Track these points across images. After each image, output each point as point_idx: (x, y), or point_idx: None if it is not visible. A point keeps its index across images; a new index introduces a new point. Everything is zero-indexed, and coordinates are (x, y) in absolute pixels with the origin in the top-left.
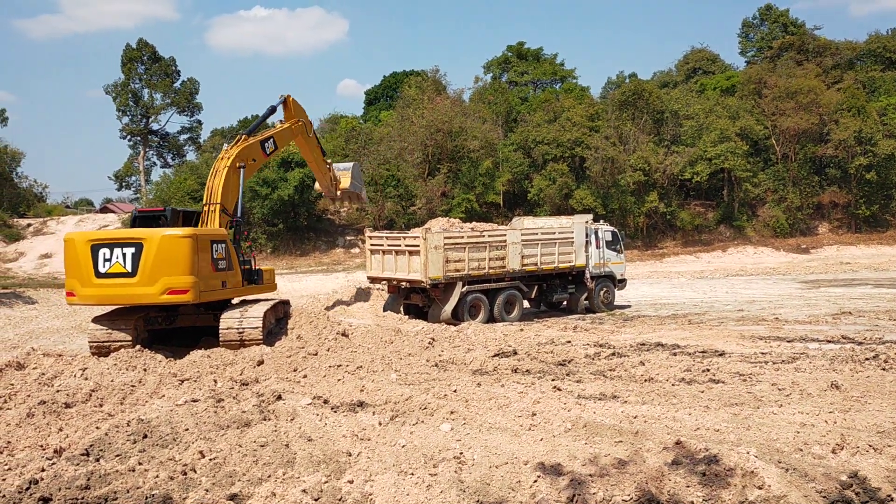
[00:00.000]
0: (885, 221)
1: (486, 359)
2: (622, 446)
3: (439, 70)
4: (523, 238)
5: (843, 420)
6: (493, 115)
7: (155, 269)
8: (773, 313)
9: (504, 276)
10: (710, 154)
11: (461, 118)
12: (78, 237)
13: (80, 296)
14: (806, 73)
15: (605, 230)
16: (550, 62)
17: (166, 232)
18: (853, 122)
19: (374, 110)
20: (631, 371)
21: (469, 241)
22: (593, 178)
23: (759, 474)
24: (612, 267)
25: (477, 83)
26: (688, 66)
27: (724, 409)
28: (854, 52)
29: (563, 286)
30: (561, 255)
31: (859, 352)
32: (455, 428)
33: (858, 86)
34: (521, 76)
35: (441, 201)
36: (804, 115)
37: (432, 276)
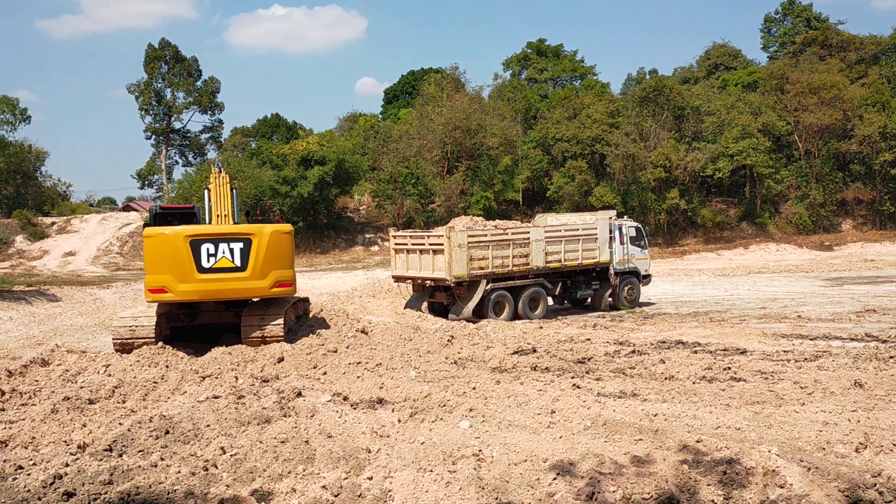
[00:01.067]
0: None
1: (505, 356)
2: (642, 444)
3: (458, 67)
4: (547, 235)
5: (866, 419)
6: (513, 112)
7: (266, 264)
8: (795, 311)
9: (528, 274)
10: (731, 150)
11: (480, 115)
12: (171, 232)
13: (178, 292)
14: (829, 68)
15: (629, 226)
16: (570, 59)
17: (274, 228)
18: (878, 118)
19: (393, 108)
20: (651, 369)
21: (492, 239)
22: (613, 176)
23: (781, 473)
24: (636, 263)
25: (496, 80)
26: (709, 61)
27: (746, 408)
28: (878, 46)
29: (588, 283)
30: (585, 251)
31: (883, 350)
32: (474, 425)
33: (883, 80)
34: (540, 73)
35: (460, 199)
36: (827, 111)
37: (457, 275)
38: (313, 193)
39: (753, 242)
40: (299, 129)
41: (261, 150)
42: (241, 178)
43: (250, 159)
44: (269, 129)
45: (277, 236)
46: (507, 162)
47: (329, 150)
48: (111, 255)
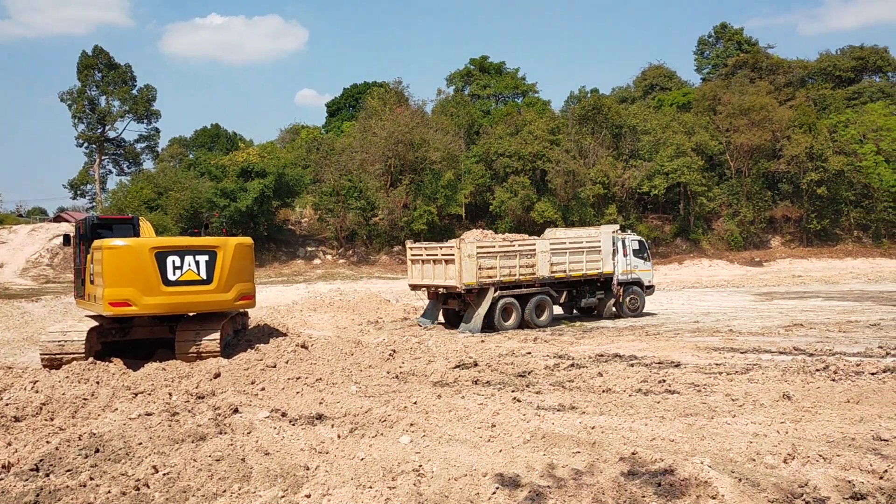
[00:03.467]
0: (836, 235)
1: (446, 370)
2: (580, 457)
3: (402, 82)
4: (552, 247)
5: (794, 430)
6: (456, 127)
7: (231, 277)
8: (727, 325)
9: (534, 283)
10: (666, 168)
11: (423, 130)
12: (136, 244)
13: (143, 305)
14: (759, 90)
15: (633, 239)
16: (512, 76)
17: (238, 240)
18: (804, 139)
19: (337, 121)
20: (589, 382)
21: (500, 250)
22: (555, 191)
23: (713, 484)
24: (639, 274)
25: (439, 95)
26: (645, 82)
27: (680, 420)
28: (805, 70)
29: (592, 292)
30: (588, 262)
31: (810, 363)
32: (414, 440)
33: (809, 103)
34: (483, 89)
35: (403, 213)
36: (757, 132)
37: (466, 282)
38: (253, 206)
39: (688, 258)
40: (239, 141)
41: (199, 161)
42: (177, 189)
43: (188, 170)
44: (208, 139)
45: (241, 249)
46: (450, 176)
47: (270, 163)
48: (41, 267)
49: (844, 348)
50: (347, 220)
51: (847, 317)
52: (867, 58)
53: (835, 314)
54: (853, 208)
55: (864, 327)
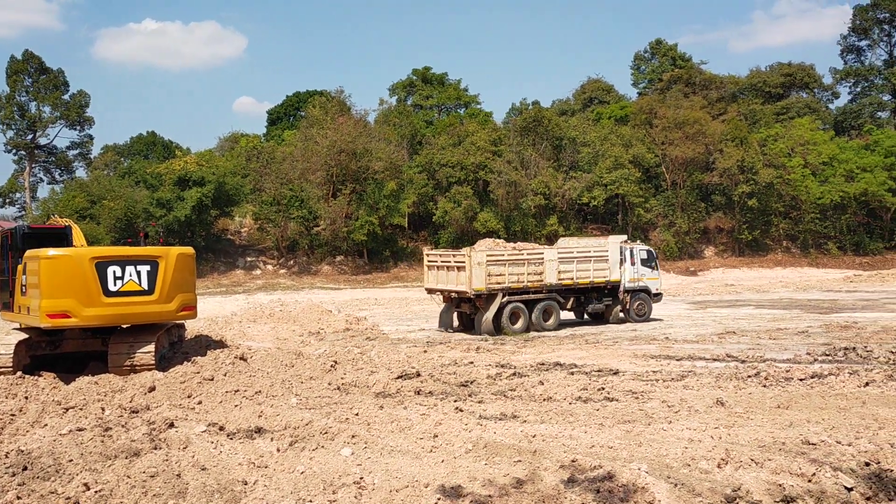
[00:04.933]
0: (766, 246)
1: (389, 381)
2: (521, 466)
3: (344, 91)
4: (560, 255)
5: (727, 435)
6: (398, 137)
7: (173, 287)
8: (663, 333)
9: (542, 289)
10: (605, 180)
11: (366, 139)
12: (75, 253)
13: (84, 316)
14: (692, 104)
15: (641, 249)
16: (455, 87)
17: (180, 250)
18: (736, 152)
19: (277, 129)
20: (531, 391)
21: (509, 258)
22: (497, 202)
23: (650, 490)
24: (647, 282)
25: (382, 105)
26: (584, 95)
27: (618, 427)
28: (737, 86)
29: (599, 298)
30: (596, 270)
31: (742, 370)
32: (356, 452)
33: (741, 118)
34: (426, 100)
35: (345, 222)
36: (691, 145)
37: (476, 288)
38: (191, 215)
39: None
40: (176, 149)
41: (134, 169)
42: (111, 198)
43: (122, 179)
44: (143, 147)
45: (183, 259)
46: (393, 186)
47: (208, 171)
48: None
49: (774, 355)
50: (288, 229)
51: (777, 324)
52: (795, 74)
53: (765, 322)
54: (782, 219)
55: (793, 334)
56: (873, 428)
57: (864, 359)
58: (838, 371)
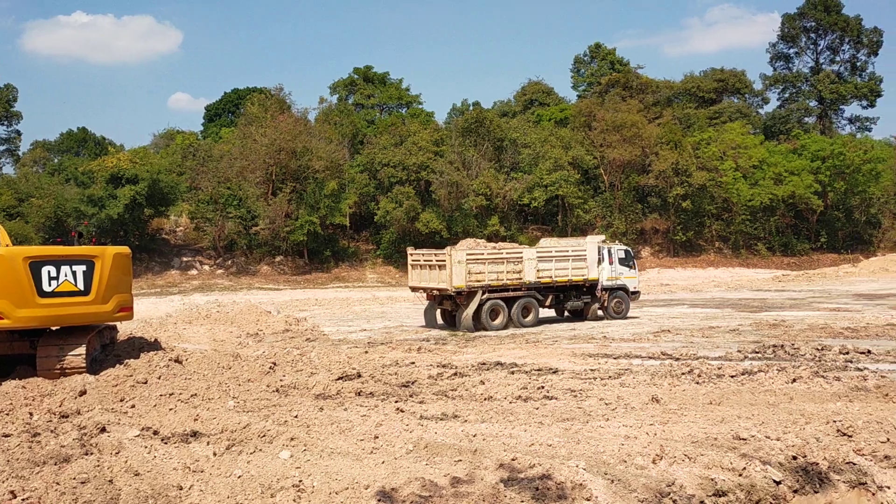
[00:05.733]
0: (699, 246)
1: (329, 382)
2: (461, 465)
3: (283, 88)
4: (538, 254)
5: (662, 432)
6: (339, 136)
7: (109, 288)
8: (601, 332)
9: (521, 287)
10: (545, 181)
11: (306, 138)
12: (7, 252)
13: (17, 318)
14: (630, 108)
15: (619, 249)
16: (396, 87)
17: (117, 250)
18: (671, 155)
19: (215, 126)
20: (472, 390)
21: (489, 257)
22: (439, 202)
23: (588, 486)
24: (624, 280)
25: (322, 104)
26: (525, 97)
27: (557, 425)
28: (671, 90)
29: (578, 296)
30: (574, 269)
31: (676, 367)
32: (295, 455)
33: (675, 122)
34: (367, 99)
35: (285, 222)
36: (628, 148)
37: (456, 285)
38: (124, 214)
39: None
40: (109, 146)
41: (64, 166)
42: (40, 195)
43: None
44: (74, 143)
45: (120, 258)
46: (334, 186)
47: (142, 169)
48: None
49: (707, 352)
50: (226, 229)
51: (709, 322)
52: (727, 80)
53: (698, 320)
54: (715, 221)
55: (725, 332)
56: (800, 423)
57: (791, 356)
58: (767, 368)
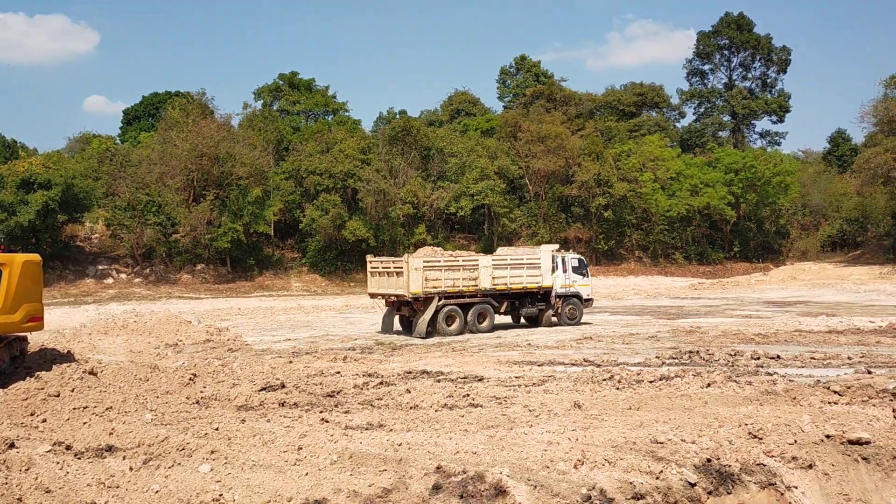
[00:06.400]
0: (620, 255)
1: (251, 393)
2: (387, 475)
3: (206, 93)
4: (494, 262)
5: (583, 437)
6: (264, 142)
7: (18, 297)
8: (526, 339)
9: (476, 293)
10: (472, 190)
11: (229, 144)
12: None
13: None
14: (554, 119)
15: (572, 258)
16: (323, 94)
17: (26, 257)
18: (593, 166)
19: (133, 130)
20: (397, 399)
21: (444, 264)
22: (366, 210)
23: (511, 493)
24: (578, 288)
25: (246, 109)
26: (452, 107)
27: (482, 432)
28: (594, 103)
29: (532, 303)
30: (528, 276)
31: (598, 373)
32: (215, 468)
33: (597, 134)
34: (292, 105)
35: (206, 229)
36: (552, 158)
37: (413, 292)
38: (35, 220)
39: None
40: (20, 149)
41: None
42: None
43: None
44: None
45: (29, 266)
46: (258, 193)
47: (56, 173)
48: None
49: (627, 359)
50: (145, 236)
51: (629, 330)
52: (646, 94)
53: (619, 328)
54: (635, 230)
55: (644, 339)
56: (714, 426)
57: (706, 361)
58: (683, 373)
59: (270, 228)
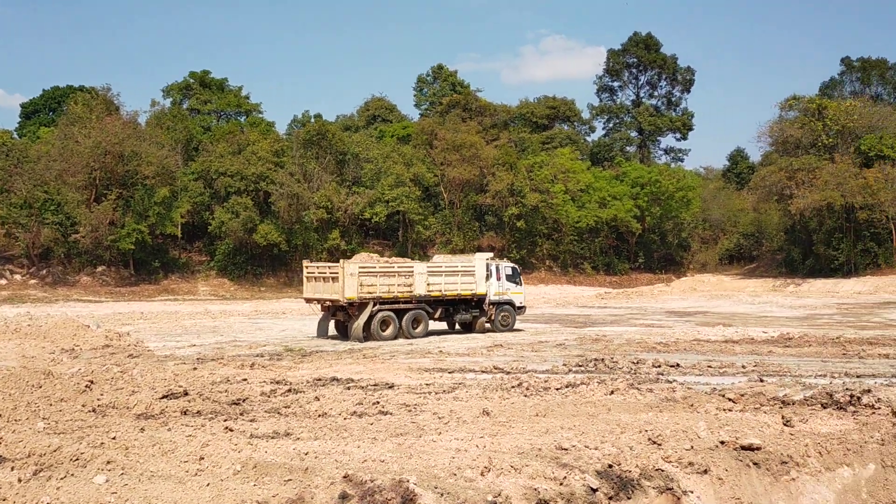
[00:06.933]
0: (532, 264)
1: (152, 401)
2: (291, 485)
3: (111, 88)
4: (429, 269)
5: (491, 444)
6: (172, 141)
7: None
8: (437, 346)
9: (411, 299)
10: (387, 197)
11: (135, 142)
12: None
13: None
14: (469, 129)
15: (506, 266)
16: (235, 94)
17: None
18: (507, 176)
19: (32, 125)
20: (306, 407)
21: (380, 270)
22: (278, 214)
23: (418, 501)
24: (511, 296)
25: (154, 107)
26: (368, 112)
27: (391, 440)
28: (508, 114)
29: (466, 309)
30: (463, 284)
31: (507, 380)
32: (111, 479)
33: (511, 144)
34: (203, 104)
35: (109, 230)
36: (467, 167)
37: (348, 297)
38: None
39: None
40: None
41: None
42: None
43: None
44: None
45: None
46: (165, 193)
47: None
48: None
49: (535, 366)
50: (42, 236)
51: (539, 337)
52: (558, 108)
53: (529, 335)
54: (546, 240)
55: (552, 347)
56: (616, 433)
57: (610, 369)
58: (589, 381)
59: (178, 230)
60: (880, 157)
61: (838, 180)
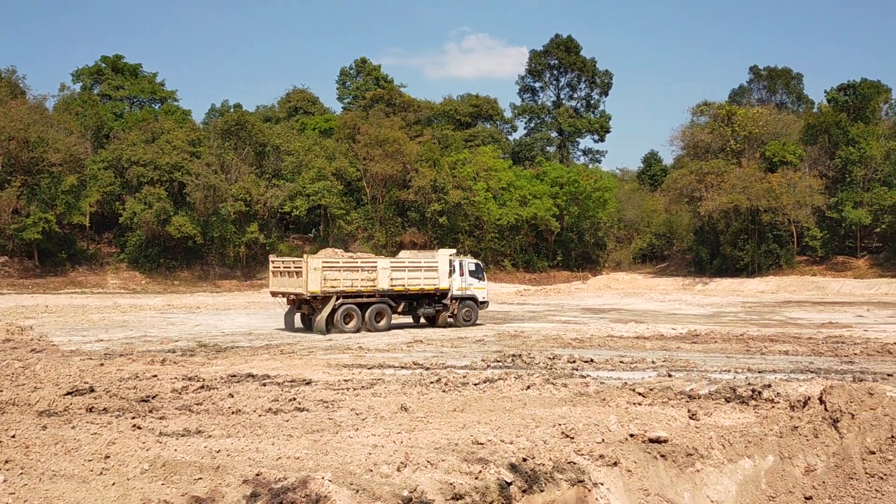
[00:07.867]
0: None
1: (56, 398)
2: (201, 484)
3: (17, 71)
4: (392, 264)
5: (408, 439)
6: (81, 128)
7: None
8: (357, 342)
9: (374, 293)
10: (308, 190)
11: (42, 128)
12: None
13: None
14: (393, 124)
15: (469, 262)
16: (150, 80)
17: None
18: (430, 173)
19: None
20: (219, 404)
21: (344, 265)
22: (194, 205)
23: (332, 497)
24: (474, 291)
25: (63, 91)
26: (290, 104)
27: (306, 437)
28: (431, 111)
29: (430, 304)
30: (426, 279)
31: (426, 376)
32: (9, 479)
33: (434, 141)
34: (115, 90)
35: (13, 219)
36: (390, 163)
37: (311, 290)
38: None
39: None
40: None
41: None
42: None
43: None
44: None
45: None
46: (73, 181)
47: None
48: None
49: (455, 362)
50: None
51: (458, 333)
52: (481, 106)
53: (449, 331)
54: (468, 237)
55: (472, 343)
56: (531, 427)
57: (527, 364)
58: (506, 376)
59: (86, 220)
60: (783, 163)
61: (745, 184)
